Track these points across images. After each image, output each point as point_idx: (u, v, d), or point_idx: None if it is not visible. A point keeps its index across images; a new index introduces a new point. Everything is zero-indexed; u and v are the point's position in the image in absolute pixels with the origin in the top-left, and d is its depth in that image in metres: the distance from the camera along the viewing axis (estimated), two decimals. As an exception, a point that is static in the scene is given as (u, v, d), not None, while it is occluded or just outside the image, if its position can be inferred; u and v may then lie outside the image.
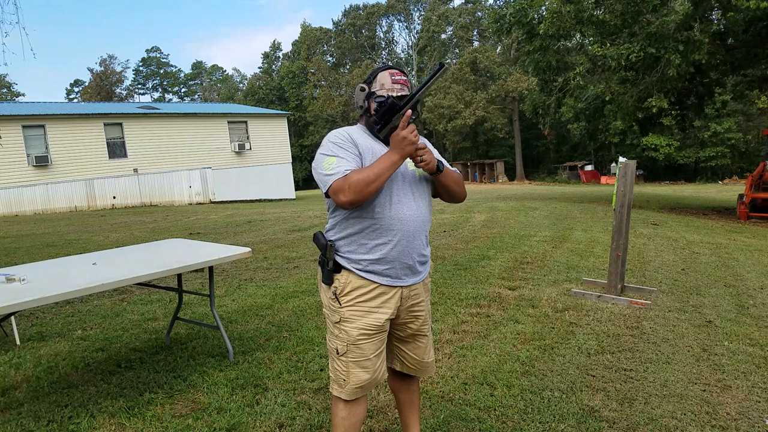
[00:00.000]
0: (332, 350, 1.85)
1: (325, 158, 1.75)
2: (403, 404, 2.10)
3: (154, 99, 68.38)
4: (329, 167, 1.72)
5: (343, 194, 1.66)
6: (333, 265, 1.81)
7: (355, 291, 1.79)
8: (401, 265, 1.81)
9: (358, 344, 1.80)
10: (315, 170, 1.79)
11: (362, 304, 1.79)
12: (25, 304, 2.18)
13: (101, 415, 2.56)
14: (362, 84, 1.87)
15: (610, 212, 11.00)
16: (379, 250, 1.78)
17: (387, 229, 1.78)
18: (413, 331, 1.95)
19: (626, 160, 4.40)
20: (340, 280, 1.81)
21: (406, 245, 1.81)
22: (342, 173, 1.69)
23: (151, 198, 22.24)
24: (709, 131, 34.94)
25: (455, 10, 49.17)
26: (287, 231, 9.68)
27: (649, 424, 2.43)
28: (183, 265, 2.85)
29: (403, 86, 1.84)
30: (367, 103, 1.85)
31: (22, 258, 7.15)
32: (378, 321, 1.81)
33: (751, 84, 16.03)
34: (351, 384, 1.81)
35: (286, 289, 4.98)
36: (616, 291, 4.52)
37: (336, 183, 1.68)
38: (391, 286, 1.82)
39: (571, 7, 12.28)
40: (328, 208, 1.87)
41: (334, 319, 1.83)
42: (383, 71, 1.85)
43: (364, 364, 1.81)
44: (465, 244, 7.35)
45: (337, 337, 1.82)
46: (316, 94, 52.94)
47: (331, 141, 1.78)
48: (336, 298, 1.81)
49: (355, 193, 1.66)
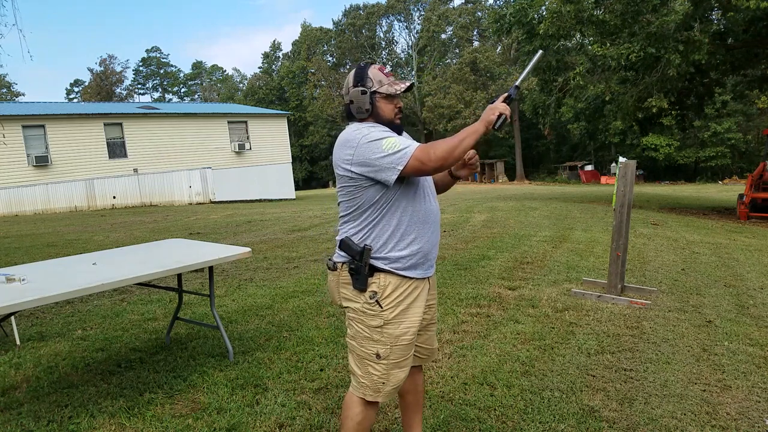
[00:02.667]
0: (369, 356, 1.79)
1: (382, 140, 1.67)
2: (410, 405, 2.10)
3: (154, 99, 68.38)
4: (394, 145, 1.66)
5: (432, 155, 1.64)
6: (369, 269, 1.75)
7: (395, 291, 1.77)
8: (431, 256, 1.86)
9: (401, 345, 1.79)
10: (369, 157, 1.67)
11: (403, 302, 1.78)
12: (25, 304, 2.17)
13: (101, 415, 2.56)
14: (360, 87, 1.78)
15: (610, 212, 11.00)
16: (417, 242, 1.79)
17: (424, 222, 1.80)
18: (427, 322, 1.98)
19: (626, 160, 4.40)
20: (378, 283, 1.76)
21: (436, 235, 1.87)
22: (416, 145, 1.67)
23: (151, 198, 22.23)
24: (709, 131, 34.94)
25: (455, 10, 49.15)
26: (287, 231, 9.68)
27: (649, 424, 2.43)
28: (183, 265, 2.85)
29: (394, 77, 1.83)
30: (372, 103, 1.79)
31: (22, 258, 7.15)
32: (418, 316, 1.83)
33: (751, 84, 16.04)
34: (390, 386, 1.80)
35: (286, 289, 4.98)
36: (616, 291, 4.52)
37: (418, 152, 1.65)
38: (422, 279, 1.84)
39: (571, 7, 12.28)
40: (356, 207, 1.76)
41: (375, 323, 1.77)
42: (370, 68, 1.81)
43: (403, 363, 1.81)
44: (465, 244, 7.34)
45: (378, 341, 1.77)
46: (316, 94, 52.89)
47: (370, 129, 1.72)
48: (377, 302, 1.76)
49: (444, 155, 1.64)
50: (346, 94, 1.82)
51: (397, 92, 1.78)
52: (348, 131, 1.76)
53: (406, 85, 1.79)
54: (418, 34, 50.91)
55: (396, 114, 1.83)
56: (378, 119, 1.80)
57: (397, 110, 1.83)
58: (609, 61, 12.42)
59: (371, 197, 1.73)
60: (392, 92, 1.78)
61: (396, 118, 1.83)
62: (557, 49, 14.62)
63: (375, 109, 1.79)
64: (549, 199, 17.34)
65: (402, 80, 1.81)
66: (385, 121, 1.80)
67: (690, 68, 12.59)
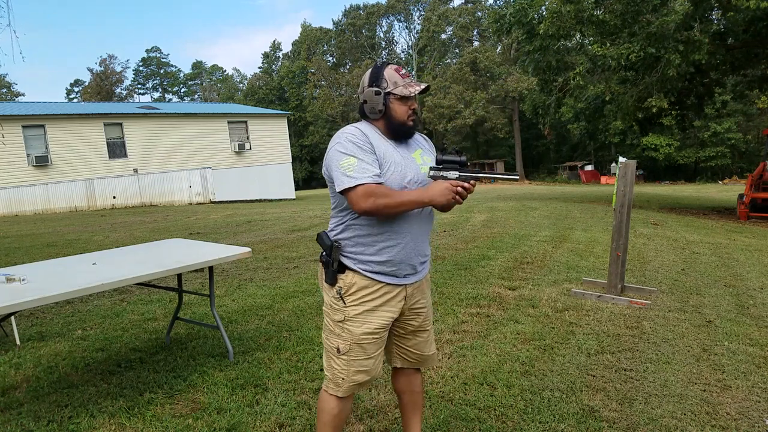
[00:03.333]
0: (331, 348, 1.84)
1: (345, 156, 1.69)
2: (407, 405, 2.10)
3: (154, 99, 68.38)
4: (351, 168, 1.67)
5: (366, 203, 1.65)
6: (338, 265, 1.79)
7: (360, 291, 1.78)
8: (406, 265, 1.82)
9: (361, 344, 1.80)
10: (330, 166, 1.73)
11: (368, 303, 1.79)
12: (25, 304, 2.17)
13: (101, 415, 2.56)
14: (374, 88, 1.78)
15: (610, 212, 11.00)
16: (387, 252, 1.77)
17: (397, 233, 1.78)
18: (414, 328, 1.96)
19: (626, 160, 4.40)
20: (345, 280, 1.79)
21: (413, 247, 1.83)
22: (370, 179, 1.66)
23: (151, 198, 22.23)
24: (709, 131, 34.96)
25: (455, 10, 49.16)
26: (287, 231, 9.68)
27: (649, 424, 2.43)
28: (183, 265, 2.85)
29: (410, 78, 1.81)
30: (385, 104, 1.77)
31: (22, 258, 7.15)
32: (383, 320, 1.82)
33: (751, 84, 16.03)
34: (349, 383, 1.82)
35: (286, 289, 4.98)
36: (616, 291, 4.52)
37: (363, 189, 1.65)
38: (396, 285, 1.83)
39: (571, 7, 12.28)
40: (335, 205, 1.83)
41: (337, 318, 1.82)
42: (386, 68, 1.80)
43: (365, 363, 1.82)
44: (465, 244, 7.34)
45: (339, 336, 1.82)
46: (316, 94, 52.93)
47: (350, 140, 1.72)
48: (341, 297, 1.80)
49: (377, 209, 1.67)
50: (361, 93, 1.82)
51: (412, 94, 1.77)
52: (339, 131, 1.79)
53: (421, 87, 1.78)
54: (418, 34, 50.94)
55: (409, 116, 1.81)
56: (390, 120, 1.79)
57: (411, 112, 1.81)
58: (609, 61, 12.41)
59: (344, 198, 1.75)
60: (406, 94, 1.76)
61: (409, 119, 1.81)
62: (557, 49, 14.62)
63: (388, 110, 1.79)
64: (549, 199, 17.34)
65: (418, 82, 1.80)
66: (397, 123, 1.79)
67: (690, 68, 12.59)
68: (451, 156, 1.79)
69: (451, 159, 1.78)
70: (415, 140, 1.92)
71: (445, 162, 1.79)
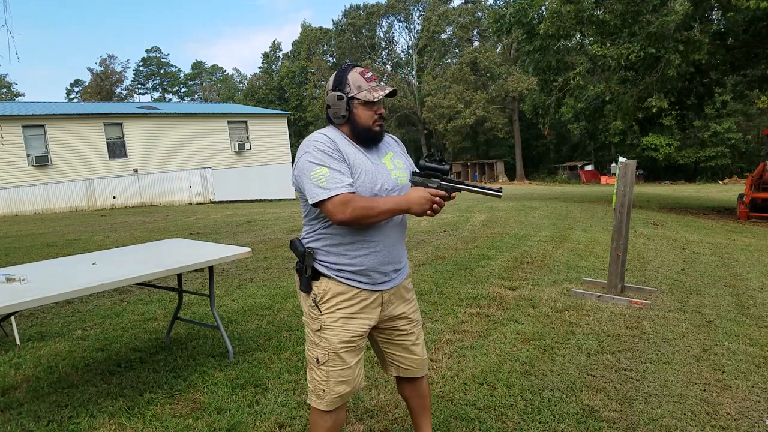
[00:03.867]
0: (312, 359, 1.81)
1: (315, 167, 1.65)
2: (415, 410, 2.09)
3: (154, 99, 68.36)
4: (323, 178, 1.63)
5: (343, 214, 1.62)
6: (312, 272, 1.76)
7: (335, 297, 1.75)
8: (379, 273, 1.79)
9: (340, 353, 1.76)
10: (301, 177, 1.69)
11: (344, 310, 1.75)
12: (25, 304, 2.18)
13: (101, 415, 2.56)
14: (337, 92, 1.72)
15: (610, 212, 11.00)
16: (359, 259, 1.74)
17: (369, 241, 1.75)
18: (400, 333, 1.94)
19: (626, 160, 4.40)
20: (319, 287, 1.76)
21: (387, 255, 1.80)
22: (344, 189, 1.63)
23: (151, 198, 22.24)
24: (709, 131, 34.95)
25: (455, 10, 49.14)
26: (287, 231, 9.67)
27: (649, 424, 2.43)
28: (183, 265, 2.85)
29: (377, 82, 1.76)
30: (348, 109, 1.73)
31: (22, 258, 7.15)
32: (360, 328, 1.79)
33: (751, 84, 16.03)
34: (330, 394, 1.78)
35: (286, 289, 4.98)
36: (616, 291, 4.52)
37: (339, 199, 1.61)
38: (371, 291, 1.79)
39: (571, 7, 12.28)
40: (306, 214, 1.79)
41: (315, 327, 1.78)
42: (351, 71, 1.74)
43: (345, 373, 1.78)
44: (465, 244, 7.34)
45: (318, 345, 1.78)
46: (316, 94, 52.88)
47: (318, 148, 1.67)
48: (316, 305, 1.76)
49: (356, 218, 1.64)
50: (326, 97, 1.78)
51: (376, 99, 1.72)
52: (307, 138, 1.74)
53: (385, 92, 1.73)
54: (418, 34, 50.91)
55: (375, 121, 1.75)
56: (355, 125, 1.74)
57: (377, 117, 1.75)
58: (609, 61, 12.41)
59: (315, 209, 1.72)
60: (370, 99, 1.71)
61: (375, 125, 1.75)
62: (557, 49, 14.62)
63: (351, 116, 1.74)
64: (549, 199, 17.35)
65: (383, 86, 1.75)
66: (362, 128, 1.74)
67: (690, 68, 12.59)
68: (434, 164, 1.77)
69: (434, 167, 1.77)
70: (386, 143, 1.88)
71: (428, 169, 1.77)
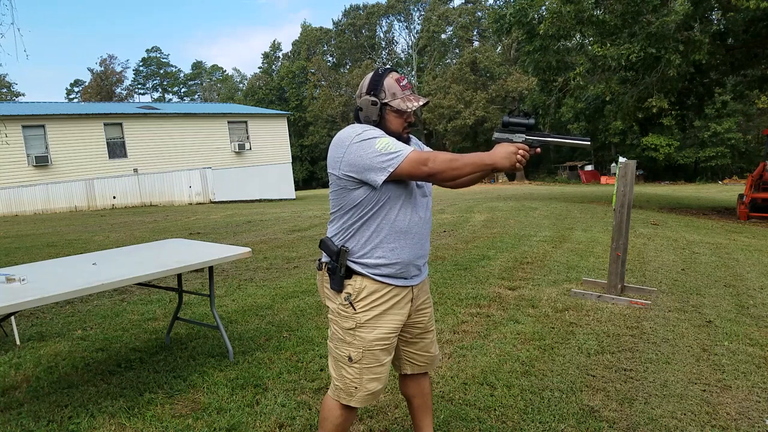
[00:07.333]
0: (342, 358, 1.79)
1: (376, 140, 1.62)
2: (418, 409, 2.09)
3: (154, 99, 68.36)
4: (390, 144, 1.62)
5: (428, 166, 1.59)
6: (345, 270, 1.74)
7: (371, 296, 1.75)
8: (413, 266, 1.81)
9: (373, 350, 1.76)
10: (360, 157, 1.63)
11: (378, 308, 1.76)
12: (25, 304, 2.17)
13: (101, 415, 2.56)
14: (371, 97, 1.72)
15: (610, 212, 11.00)
16: (395, 253, 1.74)
17: (406, 233, 1.75)
18: (421, 330, 1.96)
19: (626, 160, 4.40)
20: (353, 285, 1.74)
21: (420, 247, 1.81)
22: (411, 149, 1.63)
23: (151, 198, 22.23)
24: (709, 131, 34.97)
25: (455, 10, 49.16)
26: (287, 231, 9.67)
27: (649, 424, 2.43)
28: (183, 265, 2.85)
29: (411, 90, 1.76)
30: (380, 115, 1.73)
31: (22, 258, 7.15)
32: (394, 324, 1.79)
33: (751, 84, 16.02)
34: (363, 392, 1.78)
35: (286, 289, 4.98)
36: (616, 291, 4.52)
37: (412, 156, 1.60)
38: (404, 287, 1.81)
39: (571, 7, 12.28)
40: (339, 208, 1.75)
41: (348, 325, 1.76)
42: (387, 77, 1.74)
43: (377, 370, 1.78)
44: (465, 244, 7.34)
45: (351, 344, 1.77)
46: (316, 94, 52.91)
47: (366, 128, 1.68)
48: (350, 304, 1.75)
49: (439, 171, 1.60)
50: (358, 98, 1.77)
51: (409, 109, 1.73)
52: (342, 131, 1.73)
53: (420, 103, 1.74)
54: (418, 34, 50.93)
55: (405, 128, 1.77)
56: (384, 131, 1.74)
57: (407, 124, 1.77)
58: (609, 61, 12.41)
59: (354, 200, 1.70)
60: (404, 108, 1.72)
61: (404, 132, 1.77)
62: (557, 49, 14.61)
63: (383, 121, 1.74)
64: (549, 199, 17.34)
65: (417, 96, 1.75)
66: (391, 134, 1.74)
67: (690, 68, 12.59)
68: (519, 118, 1.70)
69: (519, 121, 1.70)
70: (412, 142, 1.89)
71: (512, 124, 1.71)
